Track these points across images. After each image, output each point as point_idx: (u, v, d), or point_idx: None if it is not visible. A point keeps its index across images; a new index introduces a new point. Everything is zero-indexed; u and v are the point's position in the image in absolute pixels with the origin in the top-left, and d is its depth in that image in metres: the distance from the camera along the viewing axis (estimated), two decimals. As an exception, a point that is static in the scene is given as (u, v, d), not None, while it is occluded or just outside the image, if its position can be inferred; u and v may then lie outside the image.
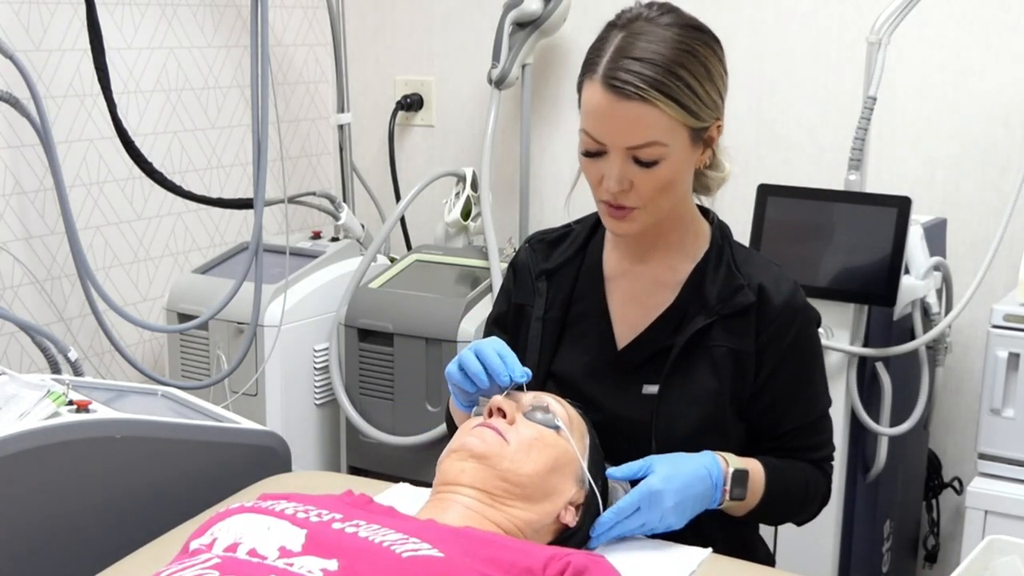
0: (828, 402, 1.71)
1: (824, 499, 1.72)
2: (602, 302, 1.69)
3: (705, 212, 1.71)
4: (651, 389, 1.63)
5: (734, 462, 1.58)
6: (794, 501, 1.67)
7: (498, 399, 1.52)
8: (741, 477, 1.57)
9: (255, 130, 2.55)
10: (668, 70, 1.50)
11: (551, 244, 1.76)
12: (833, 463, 1.73)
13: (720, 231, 1.68)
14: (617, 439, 1.62)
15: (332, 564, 1.22)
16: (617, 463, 1.57)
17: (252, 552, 1.25)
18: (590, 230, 1.74)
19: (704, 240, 1.68)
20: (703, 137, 1.57)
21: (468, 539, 1.30)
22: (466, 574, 1.23)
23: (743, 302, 1.61)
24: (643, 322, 1.66)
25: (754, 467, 1.61)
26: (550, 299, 1.70)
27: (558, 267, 1.72)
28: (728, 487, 1.55)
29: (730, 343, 1.61)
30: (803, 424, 1.67)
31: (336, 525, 1.30)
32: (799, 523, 1.76)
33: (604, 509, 1.56)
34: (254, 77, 2.52)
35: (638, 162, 1.53)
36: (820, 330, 2.01)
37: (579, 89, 1.57)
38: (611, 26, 1.57)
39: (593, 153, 1.55)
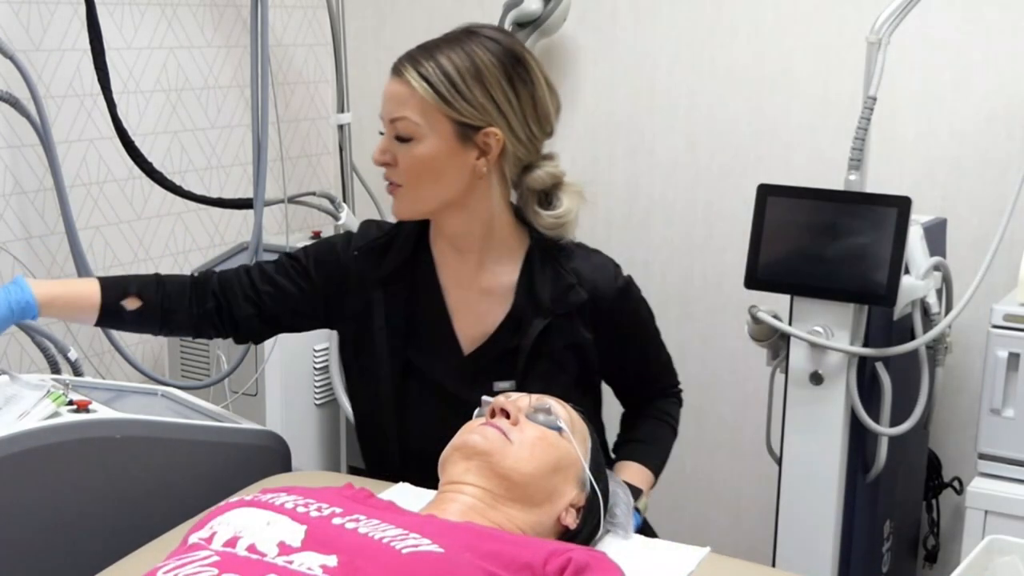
0: (666, 355, 1.98)
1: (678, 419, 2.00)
2: (443, 313, 1.80)
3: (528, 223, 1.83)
4: (502, 385, 1.75)
5: (635, 486, 1.80)
6: (669, 448, 1.98)
7: (501, 400, 1.53)
8: (638, 494, 1.80)
9: (255, 130, 2.55)
10: (432, 57, 1.70)
11: (380, 252, 1.83)
12: (681, 387, 2.02)
13: (537, 235, 1.81)
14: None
15: (331, 560, 1.22)
16: None
17: (251, 548, 1.25)
18: (416, 236, 1.83)
19: (522, 247, 1.81)
20: (473, 139, 1.70)
21: (469, 534, 1.30)
22: (466, 570, 1.23)
23: (576, 301, 1.78)
24: (484, 331, 1.79)
25: (643, 474, 1.89)
26: (388, 308, 1.79)
27: (391, 273, 1.81)
28: (639, 504, 1.78)
29: (570, 339, 1.78)
30: (656, 372, 1.95)
31: (336, 520, 1.30)
32: None
33: (605, 512, 1.56)
34: (254, 77, 2.52)
35: (398, 138, 1.71)
36: (819, 329, 2.04)
37: None
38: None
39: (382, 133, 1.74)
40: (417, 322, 1.81)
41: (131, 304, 1.80)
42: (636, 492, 1.78)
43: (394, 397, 1.80)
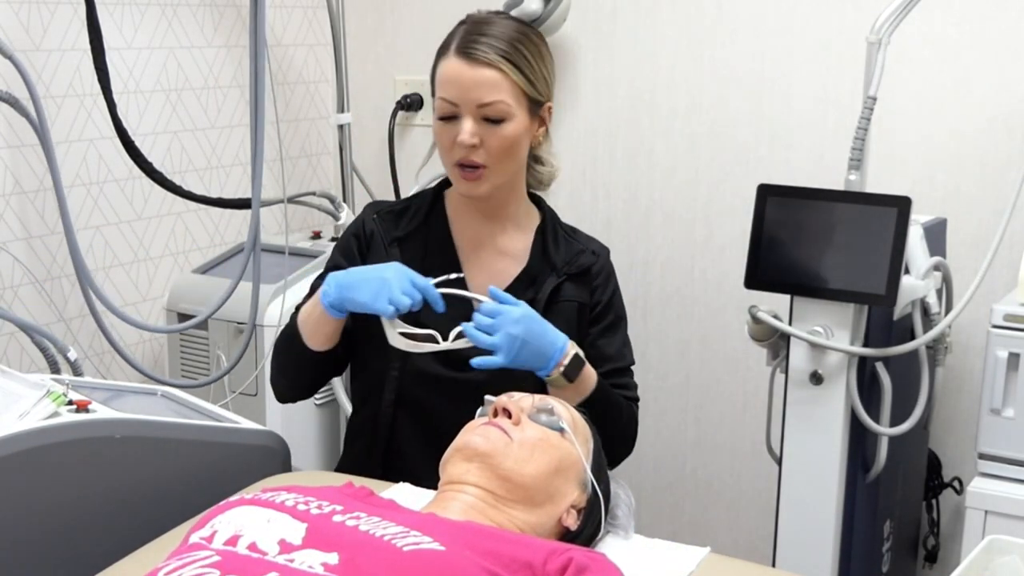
0: (632, 359, 2.03)
1: (635, 435, 1.99)
2: (457, 269, 1.90)
3: (535, 199, 2.04)
4: None
5: (578, 351, 1.83)
6: (616, 415, 1.90)
7: (503, 400, 1.53)
8: (579, 363, 1.81)
9: (253, 130, 2.55)
10: (511, 45, 1.86)
11: (397, 215, 1.99)
12: (638, 400, 2.02)
13: (552, 217, 2.02)
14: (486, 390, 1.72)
15: (333, 557, 1.22)
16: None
17: (252, 546, 1.25)
18: (430, 203, 1.98)
19: (535, 218, 2.01)
20: (539, 113, 1.92)
21: (469, 532, 1.30)
22: (467, 567, 1.23)
23: (586, 263, 1.97)
24: (499, 285, 1.87)
25: (590, 367, 1.86)
26: (406, 264, 1.86)
27: (407, 235, 1.95)
28: (565, 362, 1.78)
29: (577, 297, 1.94)
30: (617, 368, 1.97)
31: (337, 518, 1.30)
32: (618, 454, 1.94)
33: (606, 513, 1.56)
34: (253, 77, 2.52)
35: (487, 120, 1.84)
36: (819, 329, 2.05)
37: (433, 75, 1.91)
38: (459, 24, 1.92)
39: (448, 117, 1.86)
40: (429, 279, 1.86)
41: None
42: (578, 359, 1.81)
43: (401, 355, 1.84)
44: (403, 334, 1.76)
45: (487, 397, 1.58)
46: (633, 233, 2.96)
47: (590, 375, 1.85)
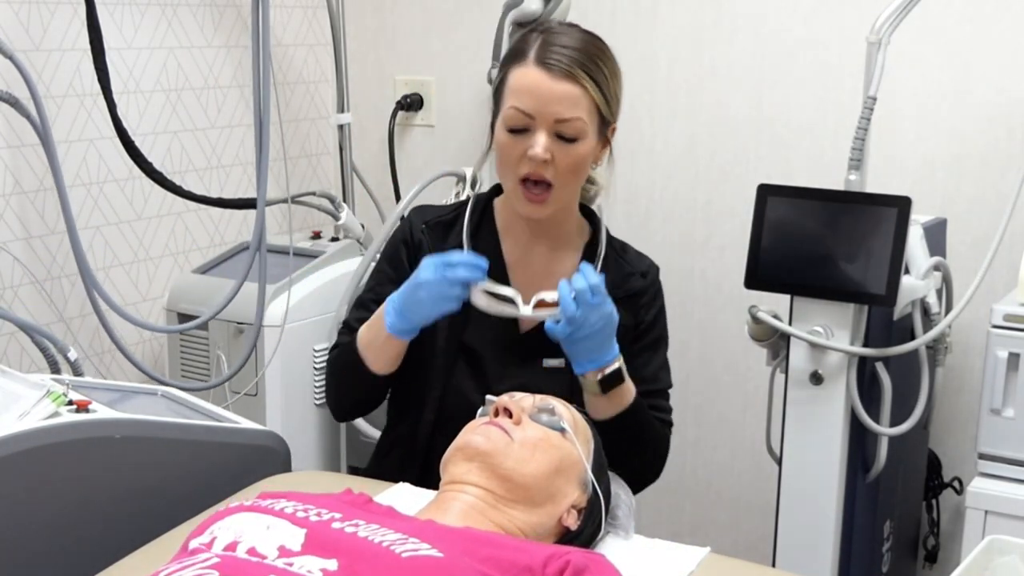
0: (670, 382, 1.95)
1: (664, 456, 1.91)
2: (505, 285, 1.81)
3: (588, 213, 1.95)
4: (551, 363, 1.80)
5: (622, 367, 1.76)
6: (649, 434, 1.83)
7: (505, 399, 1.53)
8: (617, 378, 1.73)
9: (257, 130, 2.55)
10: (591, 58, 1.74)
11: (446, 226, 1.89)
12: (671, 422, 1.94)
13: (607, 238, 1.92)
14: None
15: (332, 564, 1.22)
16: None
17: (252, 551, 1.25)
18: (479, 215, 1.88)
19: (585, 234, 1.92)
20: (605, 134, 1.81)
21: (467, 539, 1.30)
22: (465, 574, 1.23)
23: (635, 286, 1.88)
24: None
25: (631, 384, 1.79)
26: None
27: (455, 248, 1.84)
28: (607, 371, 1.71)
29: (623, 321, 1.78)
30: (652, 389, 1.88)
31: (336, 525, 1.30)
32: (646, 478, 1.89)
33: (606, 514, 1.56)
34: (255, 77, 2.52)
35: (561, 137, 1.73)
36: (819, 329, 2.04)
37: (501, 81, 1.78)
38: (530, 31, 1.80)
39: (519, 129, 1.74)
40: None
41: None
42: (620, 372, 1.74)
43: (444, 371, 1.81)
44: (486, 292, 1.70)
45: (488, 397, 1.57)
46: (633, 233, 2.95)
47: (628, 391, 1.78)
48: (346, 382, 1.90)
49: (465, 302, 1.72)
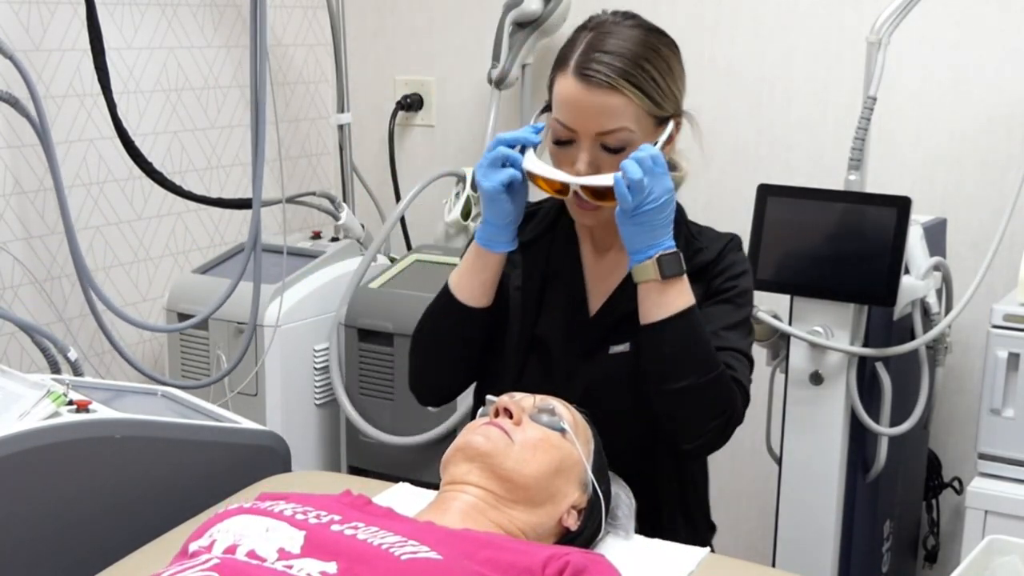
0: (744, 348, 1.75)
1: (729, 411, 1.69)
2: (578, 273, 1.78)
3: None
4: (617, 348, 1.72)
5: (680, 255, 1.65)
6: (708, 357, 1.65)
7: (505, 400, 1.53)
8: (677, 264, 1.63)
9: (253, 130, 2.55)
10: (634, 62, 1.63)
11: (525, 219, 1.81)
12: (747, 394, 1.75)
13: (678, 215, 1.75)
14: (592, 402, 1.66)
15: (331, 566, 1.22)
16: (601, 428, 1.63)
17: (251, 554, 1.25)
18: (561, 206, 1.80)
19: None
20: (664, 128, 1.69)
21: (467, 541, 1.30)
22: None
23: (703, 260, 1.74)
24: (609, 287, 1.75)
25: (689, 289, 1.65)
26: (527, 270, 1.79)
27: (533, 240, 1.80)
28: (667, 254, 1.61)
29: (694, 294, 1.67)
30: (720, 346, 1.69)
31: (335, 527, 1.29)
32: (703, 425, 1.68)
33: (606, 514, 1.56)
34: (254, 77, 2.52)
35: (606, 148, 1.64)
36: (819, 329, 2.01)
37: (550, 86, 1.69)
38: (581, 29, 1.71)
39: (564, 142, 1.66)
40: (550, 286, 1.78)
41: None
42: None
43: (515, 366, 1.76)
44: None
45: (488, 397, 1.57)
46: (633, 233, 2.96)
47: (686, 292, 1.64)
48: (434, 340, 1.82)
49: (536, 293, 1.74)
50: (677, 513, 1.76)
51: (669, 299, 1.63)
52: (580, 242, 1.81)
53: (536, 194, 1.75)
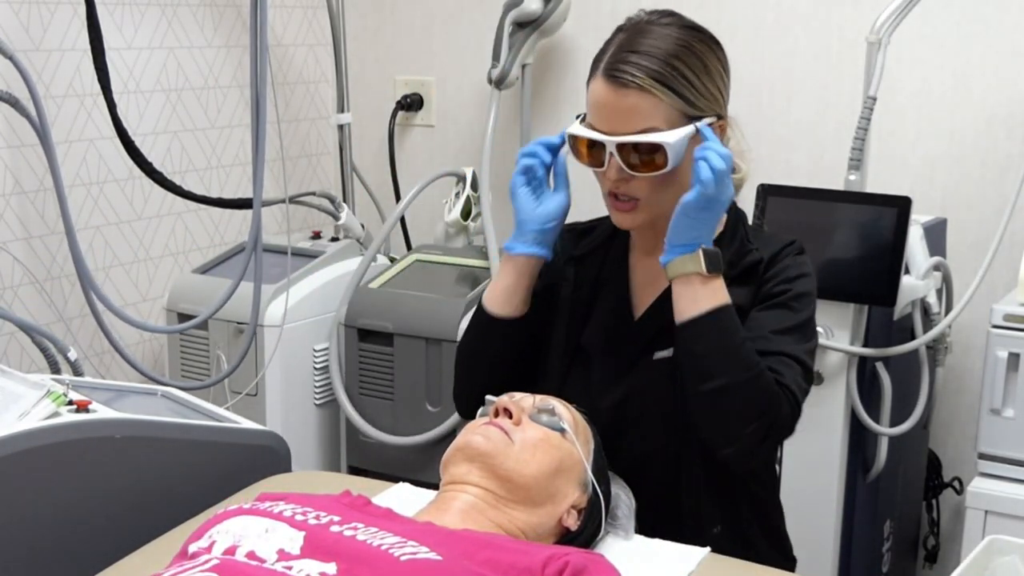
0: (805, 352, 1.66)
1: (779, 420, 1.62)
2: (625, 281, 1.74)
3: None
4: (662, 354, 1.66)
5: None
6: (747, 357, 1.58)
7: (504, 400, 1.53)
8: (719, 258, 1.58)
9: (254, 130, 2.55)
10: (665, 62, 1.58)
11: (581, 234, 1.81)
12: (797, 403, 1.65)
13: (736, 216, 1.73)
14: (631, 409, 1.65)
15: (331, 567, 1.22)
16: (639, 436, 1.63)
17: (251, 555, 1.25)
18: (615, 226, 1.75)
19: (719, 226, 1.69)
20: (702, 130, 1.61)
21: (466, 541, 1.30)
22: (464, 576, 1.23)
23: (751, 260, 1.67)
24: (655, 291, 1.70)
25: (724, 288, 1.60)
26: (578, 282, 1.76)
27: (586, 254, 1.78)
28: (709, 250, 1.57)
29: (736, 300, 1.61)
30: (767, 350, 1.61)
31: (334, 528, 1.29)
32: (744, 428, 1.59)
33: (606, 514, 1.56)
34: (254, 77, 2.52)
35: (637, 151, 1.58)
36: (819, 329, 1.99)
37: (588, 83, 1.65)
38: (617, 30, 1.68)
39: (595, 144, 1.61)
40: (600, 296, 1.75)
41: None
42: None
43: (558, 376, 1.73)
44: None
45: (488, 397, 1.57)
46: (633, 233, 2.96)
47: (719, 289, 1.58)
48: (474, 350, 1.80)
49: (585, 305, 1.72)
50: (727, 529, 1.67)
51: (704, 296, 1.58)
52: (631, 251, 1.77)
53: (586, 214, 1.74)
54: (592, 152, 1.62)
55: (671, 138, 1.57)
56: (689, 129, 1.59)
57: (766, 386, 1.58)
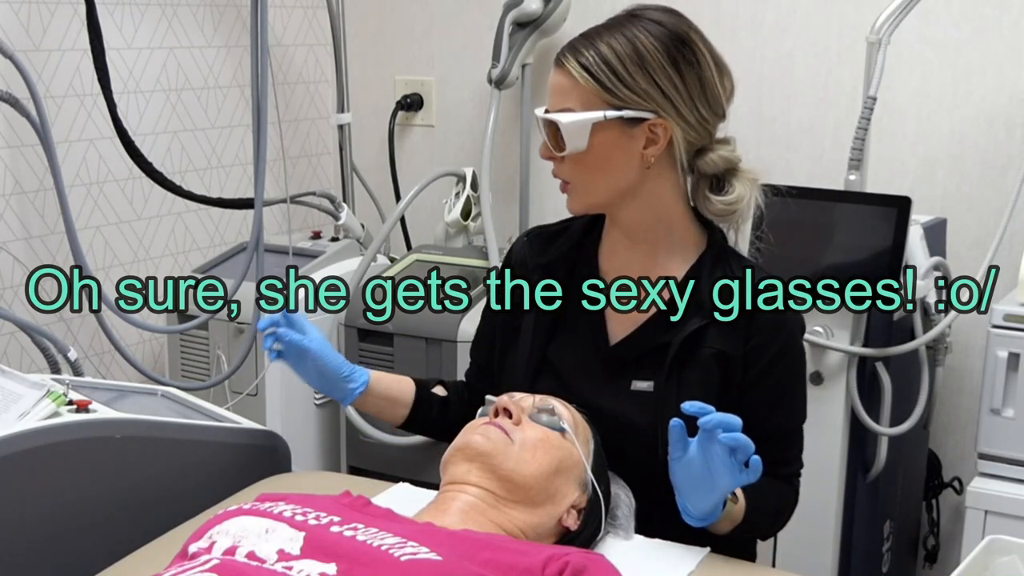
0: (803, 416, 1.70)
1: (791, 512, 1.72)
2: (596, 295, 1.70)
3: (709, 224, 1.71)
4: (640, 385, 1.64)
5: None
6: (764, 522, 1.67)
7: (504, 399, 1.53)
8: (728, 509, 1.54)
9: (255, 130, 2.55)
10: (596, 49, 1.57)
11: (548, 239, 1.77)
12: (800, 478, 1.73)
13: (718, 241, 1.69)
14: (609, 430, 1.62)
15: (331, 568, 1.22)
16: (619, 452, 1.60)
17: (251, 555, 1.25)
18: (585, 227, 1.75)
19: (697, 248, 1.68)
20: (638, 127, 1.58)
21: (466, 542, 1.30)
22: (463, 577, 1.23)
23: (725, 307, 1.61)
24: (635, 321, 1.66)
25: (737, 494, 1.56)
26: (543, 291, 1.71)
27: (553, 261, 1.73)
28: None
29: (720, 345, 1.60)
30: (777, 435, 1.63)
31: (334, 528, 1.29)
32: (765, 537, 1.81)
33: (606, 514, 1.56)
34: (254, 77, 2.52)
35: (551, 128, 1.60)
36: (819, 329, 2.00)
37: None
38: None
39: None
40: (567, 310, 1.71)
41: (439, 391, 1.79)
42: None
43: (526, 387, 1.68)
44: None
45: (488, 397, 1.57)
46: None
47: (739, 506, 1.56)
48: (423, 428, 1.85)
49: (550, 316, 1.70)
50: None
51: (724, 527, 1.56)
52: (601, 262, 1.73)
53: (547, 217, 1.72)
54: None
55: (565, 118, 1.57)
56: (595, 115, 1.57)
57: (782, 513, 1.71)
